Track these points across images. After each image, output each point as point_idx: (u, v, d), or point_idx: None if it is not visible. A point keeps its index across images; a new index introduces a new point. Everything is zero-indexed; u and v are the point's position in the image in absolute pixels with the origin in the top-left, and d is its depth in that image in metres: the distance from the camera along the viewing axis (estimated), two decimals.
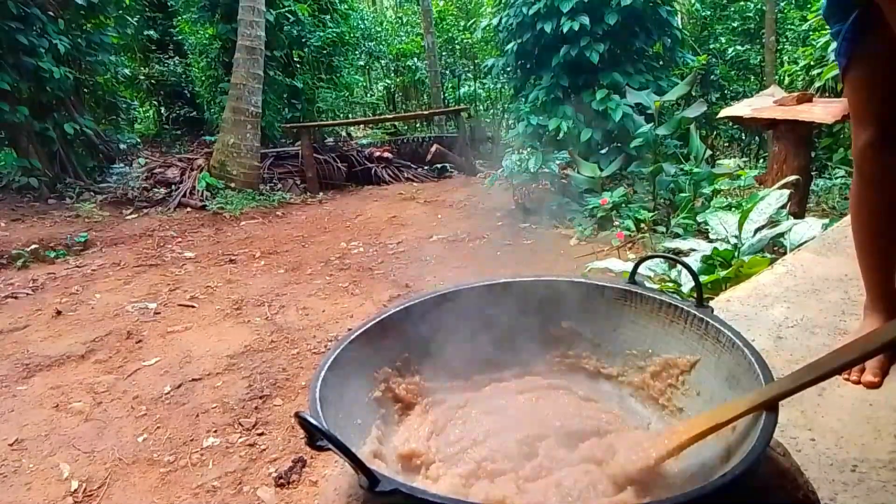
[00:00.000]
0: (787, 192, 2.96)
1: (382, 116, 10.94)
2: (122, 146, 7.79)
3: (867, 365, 1.19)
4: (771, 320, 1.48)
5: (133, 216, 5.98)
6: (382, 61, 12.47)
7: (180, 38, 10.19)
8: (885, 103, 1.10)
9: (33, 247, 4.65)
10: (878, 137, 1.10)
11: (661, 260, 2.50)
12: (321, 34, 9.06)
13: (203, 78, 9.56)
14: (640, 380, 0.93)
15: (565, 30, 5.46)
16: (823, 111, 3.50)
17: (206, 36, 8.93)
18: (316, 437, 0.55)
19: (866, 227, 1.20)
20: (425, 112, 10.26)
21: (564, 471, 0.74)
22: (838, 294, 1.57)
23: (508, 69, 6.66)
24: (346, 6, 9.97)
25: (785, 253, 2.38)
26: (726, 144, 8.32)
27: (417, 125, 11.00)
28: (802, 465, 0.74)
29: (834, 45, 1.15)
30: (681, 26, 6.79)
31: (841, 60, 1.12)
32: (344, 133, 9.64)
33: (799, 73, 7.14)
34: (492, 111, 11.39)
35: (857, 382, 1.19)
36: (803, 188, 3.72)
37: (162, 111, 10.60)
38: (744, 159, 6.32)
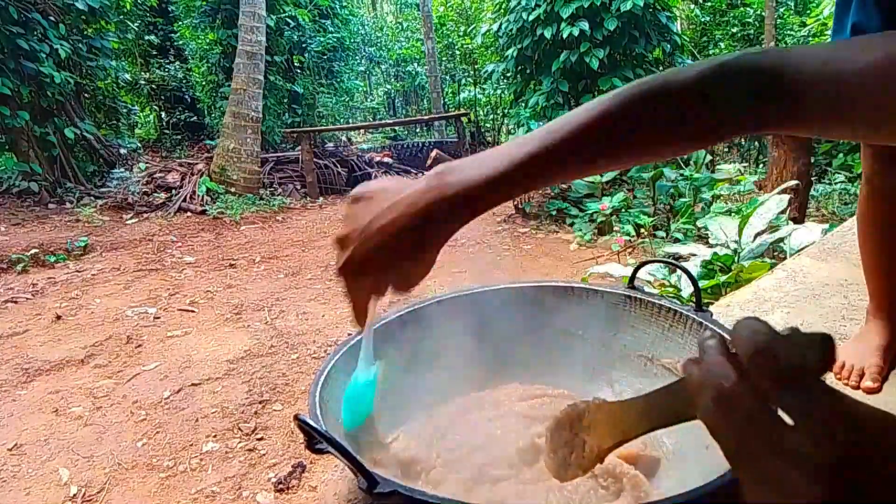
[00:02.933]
0: (786, 197, 2.96)
1: (382, 121, 10.96)
2: (122, 151, 7.80)
3: (866, 370, 1.18)
4: (771, 325, 1.48)
5: (133, 221, 5.98)
6: (382, 66, 12.53)
7: (181, 43, 10.21)
8: None
9: (33, 251, 4.65)
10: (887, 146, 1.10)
11: (661, 265, 2.50)
12: (321, 39, 9.09)
13: (203, 83, 9.58)
14: (641, 384, 0.93)
15: (565, 35, 5.49)
16: None
17: (207, 41, 8.95)
18: (315, 440, 0.55)
19: (872, 235, 1.21)
20: (425, 117, 10.29)
21: None
22: (838, 299, 1.57)
23: (508, 74, 6.68)
24: (346, 11, 10.02)
25: (785, 258, 2.38)
26: (726, 149, 8.33)
27: (417, 130, 11.03)
28: None
29: None
30: (680, 32, 6.82)
31: None
32: (344, 138, 9.66)
33: None
34: (492, 116, 11.41)
35: (857, 388, 1.18)
36: (803, 193, 3.73)
37: (162, 116, 10.61)
38: (744, 164, 6.33)
